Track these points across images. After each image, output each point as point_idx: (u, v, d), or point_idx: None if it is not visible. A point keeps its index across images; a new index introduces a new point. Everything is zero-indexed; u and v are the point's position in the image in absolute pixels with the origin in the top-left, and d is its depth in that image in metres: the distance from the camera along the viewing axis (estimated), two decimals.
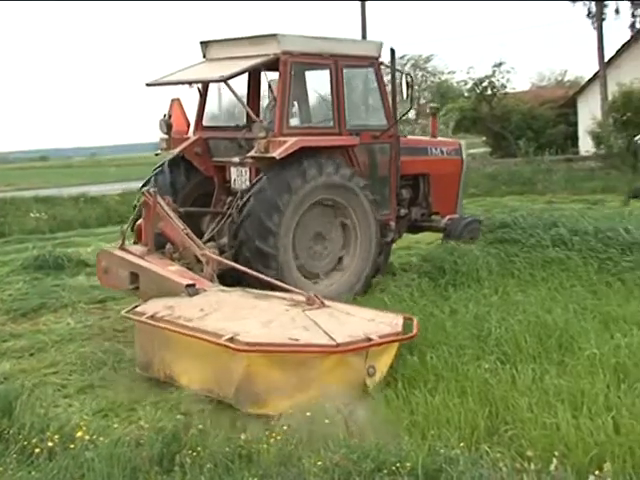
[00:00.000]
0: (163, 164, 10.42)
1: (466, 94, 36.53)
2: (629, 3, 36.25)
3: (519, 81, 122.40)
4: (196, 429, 5.24)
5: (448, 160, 12.07)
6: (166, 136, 10.48)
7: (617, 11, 36.37)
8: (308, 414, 5.49)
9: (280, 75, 9.54)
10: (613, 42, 75.12)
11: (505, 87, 35.84)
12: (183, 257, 8.89)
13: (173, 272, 8.35)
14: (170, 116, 10.62)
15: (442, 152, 12.02)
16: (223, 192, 10.27)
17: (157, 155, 11.05)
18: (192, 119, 10.71)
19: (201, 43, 10.43)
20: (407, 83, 10.35)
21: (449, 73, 44.39)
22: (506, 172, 24.76)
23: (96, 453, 4.99)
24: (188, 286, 7.85)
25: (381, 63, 10.63)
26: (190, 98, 10.70)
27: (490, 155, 34.90)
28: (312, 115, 10.81)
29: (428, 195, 11.72)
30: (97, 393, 6.76)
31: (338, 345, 6.31)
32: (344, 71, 10.00)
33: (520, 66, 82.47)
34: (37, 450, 5.18)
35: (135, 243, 9.30)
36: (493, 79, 34.79)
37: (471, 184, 19.39)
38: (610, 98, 30.37)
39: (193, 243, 8.82)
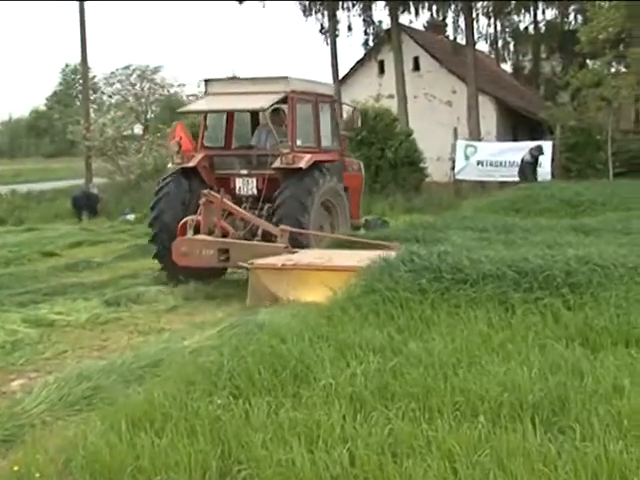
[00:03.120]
0: (170, 176, 12.85)
1: None
2: (361, 20, 36.29)
3: None
4: None
5: (356, 176, 15.16)
6: (179, 154, 12.88)
7: (350, 28, 36.39)
8: (16, 468, 4.81)
9: (289, 108, 12.71)
10: (348, 59, 77.52)
11: None
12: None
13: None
14: (181, 137, 13.37)
15: (352, 169, 15.12)
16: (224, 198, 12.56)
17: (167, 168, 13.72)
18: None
19: (205, 81, 13.53)
20: (361, 115, 15.11)
21: (179, 86, 40.81)
22: None
23: None
24: (286, 247, 10.92)
25: (335, 100, 14.53)
26: None
27: None
28: (304, 137, 13.52)
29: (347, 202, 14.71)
30: None
31: None
32: (319, 105, 13.38)
33: None
34: None
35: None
36: None
37: None
38: (345, 116, 30.29)
39: (267, 223, 11.85)
